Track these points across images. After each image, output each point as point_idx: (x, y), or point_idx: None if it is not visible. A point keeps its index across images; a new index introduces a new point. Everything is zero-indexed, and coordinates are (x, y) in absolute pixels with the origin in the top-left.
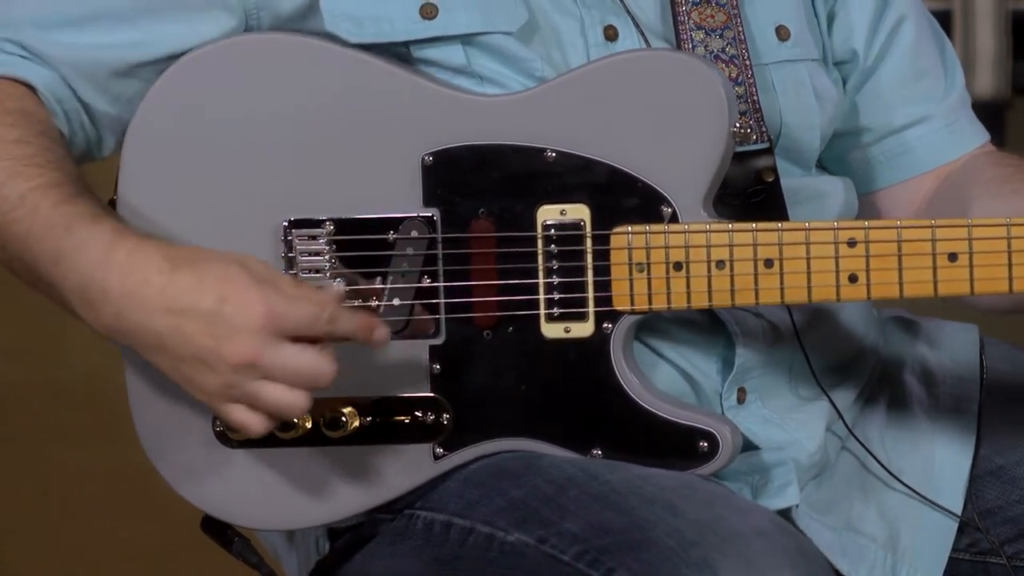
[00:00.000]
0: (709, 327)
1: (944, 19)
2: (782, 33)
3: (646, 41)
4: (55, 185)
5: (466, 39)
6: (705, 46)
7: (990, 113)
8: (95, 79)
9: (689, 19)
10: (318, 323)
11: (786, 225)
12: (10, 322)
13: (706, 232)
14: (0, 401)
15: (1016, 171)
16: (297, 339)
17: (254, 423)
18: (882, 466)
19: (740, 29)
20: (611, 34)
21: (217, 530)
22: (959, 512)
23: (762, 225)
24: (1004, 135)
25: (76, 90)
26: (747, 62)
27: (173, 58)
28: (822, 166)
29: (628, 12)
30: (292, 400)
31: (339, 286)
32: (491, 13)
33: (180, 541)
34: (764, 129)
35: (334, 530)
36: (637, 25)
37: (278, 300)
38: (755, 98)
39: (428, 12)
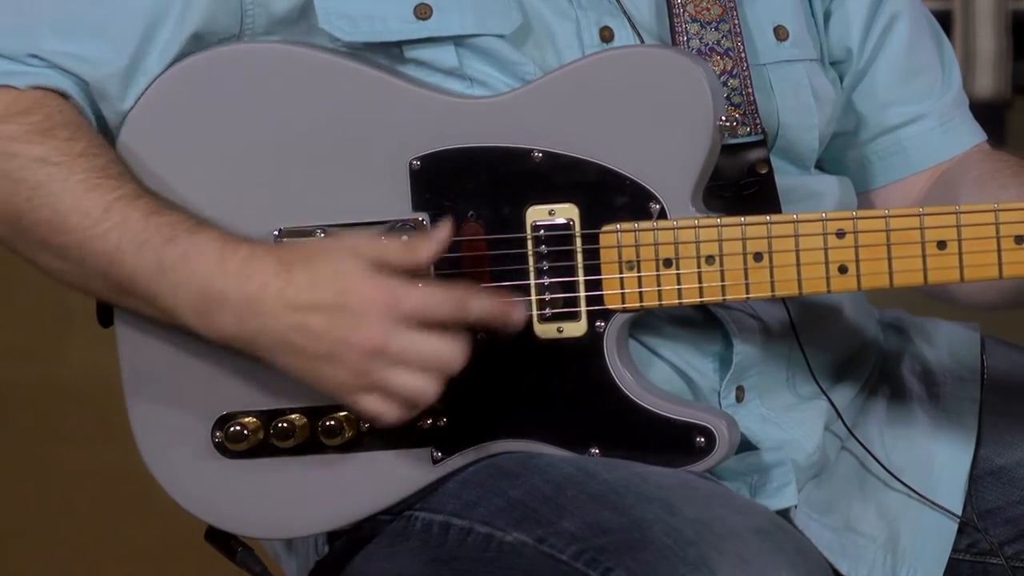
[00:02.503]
0: (705, 325)
1: (944, 19)
2: (780, 33)
3: (642, 41)
4: (137, 196)
5: (458, 40)
6: (700, 39)
7: (990, 113)
8: (107, 97)
9: (684, 12)
10: (442, 306)
11: (775, 218)
12: (10, 322)
13: (695, 227)
14: (0, 401)
15: (1004, 166)
16: (427, 324)
17: (388, 411)
18: (882, 466)
19: (736, 22)
20: (607, 35)
21: (221, 540)
22: (959, 512)
23: (751, 219)
24: (1004, 135)
25: (95, 103)
26: (742, 55)
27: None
28: (819, 166)
29: (624, 12)
30: (422, 386)
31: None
32: (485, 15)
33: (180, 541)
34: (758, 121)
35: (333, 531)
36: (633, 25)
37: (395, 286)
38: (750, 91)
39: (422, 12)
